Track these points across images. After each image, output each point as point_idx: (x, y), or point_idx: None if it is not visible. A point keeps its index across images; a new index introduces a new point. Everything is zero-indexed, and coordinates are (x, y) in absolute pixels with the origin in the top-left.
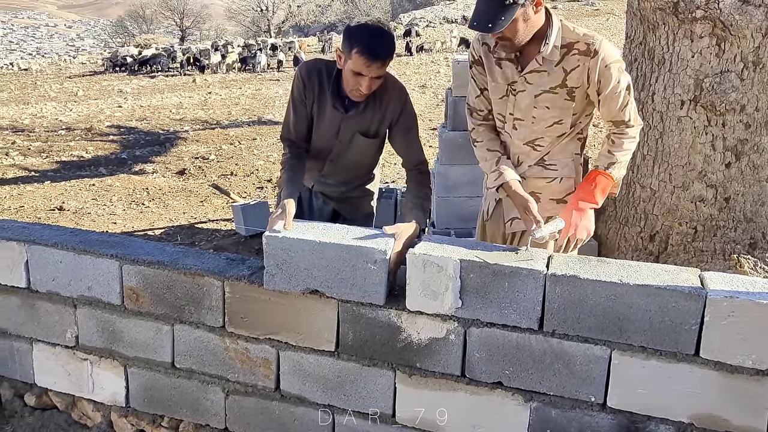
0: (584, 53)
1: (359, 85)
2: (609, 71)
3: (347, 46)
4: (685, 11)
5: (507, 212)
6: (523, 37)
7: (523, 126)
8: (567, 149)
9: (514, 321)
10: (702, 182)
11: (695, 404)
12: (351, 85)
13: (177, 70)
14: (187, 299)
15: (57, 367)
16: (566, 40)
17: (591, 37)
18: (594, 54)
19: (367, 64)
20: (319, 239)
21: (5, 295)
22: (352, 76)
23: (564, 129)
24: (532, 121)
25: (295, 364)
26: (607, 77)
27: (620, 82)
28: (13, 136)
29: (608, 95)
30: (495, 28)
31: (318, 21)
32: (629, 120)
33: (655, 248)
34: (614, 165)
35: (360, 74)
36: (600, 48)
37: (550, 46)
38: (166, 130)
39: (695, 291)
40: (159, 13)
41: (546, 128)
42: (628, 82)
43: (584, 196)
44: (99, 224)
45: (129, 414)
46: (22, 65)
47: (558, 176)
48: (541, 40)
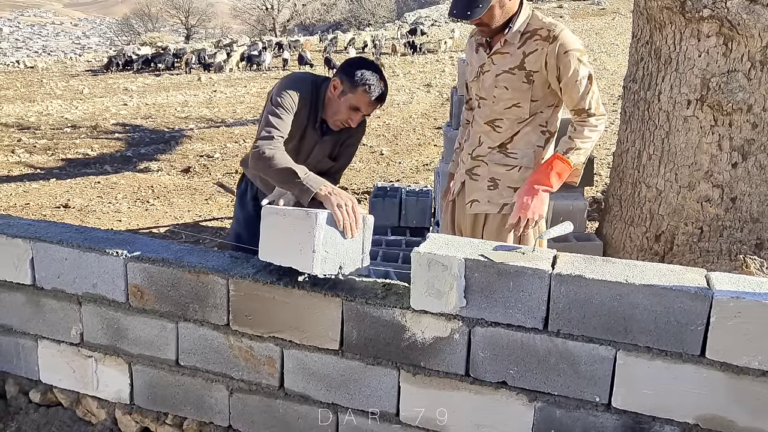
0: (544, 38)
1: (350, 118)
2: (567, 58)
3: (353, 82)
4: (692, 10)
5: (468, 194)
6: (499, 22)
7: (485, 105)
8: (529, 140)
9: (518, 320)
10: (708, 182)
11: (701, 405)
12: (342, 116)
13: (181, 68)
14: (192, 297)
15: (62, 364)
16: (531, 27)
17: (554, 25)
18: (553, 40)
19: (371, 104)
20: None
21: (10, 292)
22: (347, 109)
23: (522, 113)
24: (493, 101)
25: (299, 362)
26: (565, 64)
27: (579, 71)
28: (19, 134)
29: (568, 82)
30: (473, 15)
31: (323, 20)
32: (590, 108)
33: (661, 248)
34: (573, 150)
35: (358, 110)
36: (560, 35)
37: (514, 29)
38: (171, 128)
39: (701, 291)
40: (164, 12)
41: (505, 109)
42: (590, 72)
43: (539, 178)
44: (104, 222)
45: (133, 411)
46: (28, 63)
47: (518, 165)
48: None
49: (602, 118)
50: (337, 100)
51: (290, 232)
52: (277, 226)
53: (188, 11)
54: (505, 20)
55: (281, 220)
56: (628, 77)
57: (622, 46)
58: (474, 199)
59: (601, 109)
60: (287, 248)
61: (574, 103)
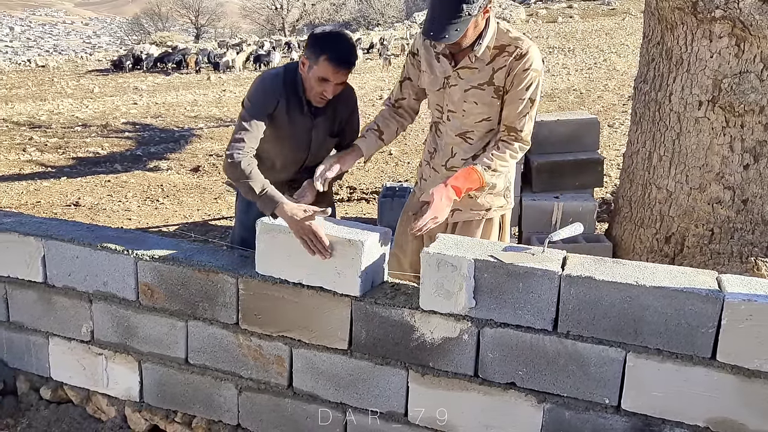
0: (512, 55)
1: (325, 90)
2: (525, 75)
3: (314, 54)
4: (704, 11)
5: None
6: (471, 40)
7: (455, 118)
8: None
9: (528, 322)
10: (719, 184)
11: (711, 408)
12: (316, 90)
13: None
14: (202, 296)
15: (72, 361)
16: (499, 42)
17: (521, 41)
18: (519, 57)
19: (335, 71)
20: None
21: (22, 289)
22: (318, 82)
23: (492, 125)
24: (463, 114)
25: (307, 361)
26: (520, 79)
27: (529, 90)
28: (30, 132)
29: (513, 96)
30: (450, 39)
31: (332, 19)
32: (521, 131)
33: (671, 250)
34: (490, 171)
35: (326, 80)
36: (526, 53)
37: (483, 46)
38: (180, 128)
39: (713, 294)
40: (174, 11)
41: (475, 123)
42: (537, 97)
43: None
44: (114, 220)
45: (143, 409)
46: (40, 62)
47: None
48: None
49: (526, 148)
50: (308, 76)
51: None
52: (288, 245)
53: (198, 11)
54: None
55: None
56: (639, 78)
57: (632, 46)
58: (456, 209)
59: (528, 139)
60: (311, 267)
61: (510, 119)
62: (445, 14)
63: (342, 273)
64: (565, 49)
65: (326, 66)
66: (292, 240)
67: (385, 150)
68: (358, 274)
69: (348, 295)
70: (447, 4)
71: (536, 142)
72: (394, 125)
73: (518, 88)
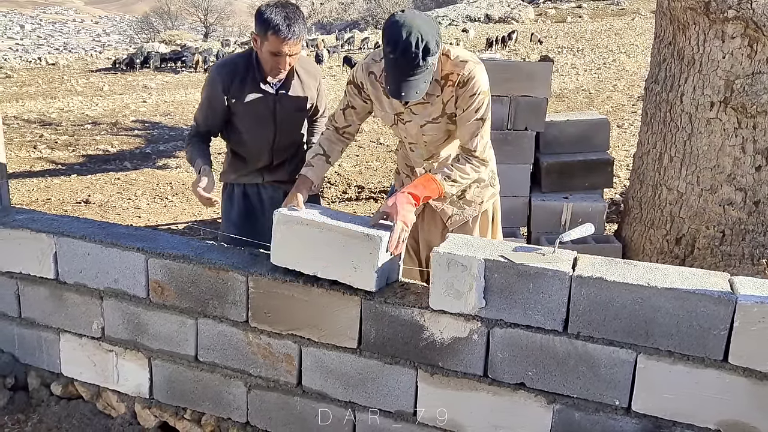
0: (456, 84)
1: (278, 63)
2: (472, 100)
3: (262, 29)
4: (716, 11)
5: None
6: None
7: (418, 148)
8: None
9: (538, 322)
10: (731, 185)
11: (722, 411)
12: (271, 65)
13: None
14: (212, 293)
15: (83, 357)
16: (444, 72)
17: (464, 65)
18: (464, 83)
19: (284, 42)
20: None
21: (34, 286)
22: (270, 56)
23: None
24: (425, 143)
25: (317, 360)
26: (468, 103)
27: (478, 111)
28: (41, 130)
29: (463, 118)
30: (420, 93)
31: (341, 18)
32: (475, 150)
33: (681, 251)
34: (449, 181)
35: (278, 54)
36: (469, 79)
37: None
38: (189, 126)
39: (725, 296)
40: (183, 10)
41: (439, 145)
42: (486, 117)
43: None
44: (124, 218)
45: (152, 406)
46: (50, 60)
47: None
48: None
49: (484, 163)
50: (262, 52)
51: (334, 246)
52: (305, 236)
53: (207, 9)
54: None
55: (314, 233)
56: (650, 78)
57: (641, 46)
58: (453, 213)
59: (485, 155)
60: (328, 260)
61: (462, 140)
62: (408, 71)
63: (358, 267)
64: (574, 49)
65: (274, 39)
66: (309, 231)
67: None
68: (374, 269)
69: (359, 292)
70: (410, 61)
71: (545, 142)
72: (339, 147)
73: (467, 110)
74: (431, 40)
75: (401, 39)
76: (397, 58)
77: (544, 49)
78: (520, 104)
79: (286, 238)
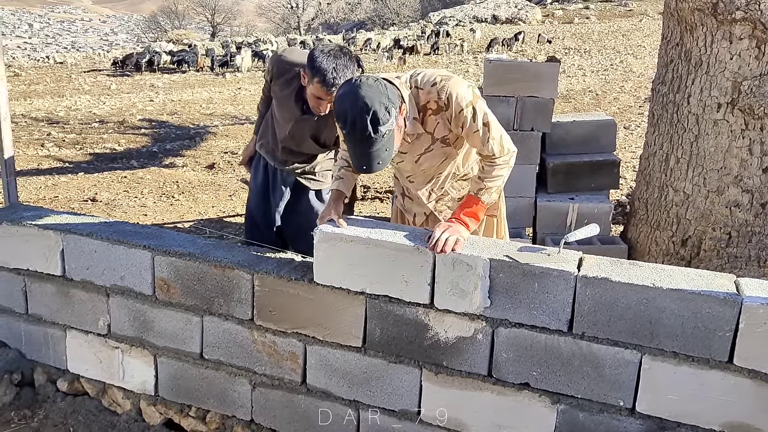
0: (437, 111)
1: (319, 105)
2: (461, 116)
3: (310, 74)
4: (724, 12)
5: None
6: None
7: (415, 178)
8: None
9: (543, 322)
10: (738, 187)
11: (727, 412)
12: (312, 103)
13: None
14: (217, 291)
15: (89, 354)
16: (419, 104)
17: (435, 89)
18: (446, 107)
19: (326, 93)
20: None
21: (41, 283)
22: (312, 97)
23: (456, 159)
24: (423, 171)
25: (321, 358)
26: (462, 121)
27: (476, 121)
28: (48, 128)
29: (467, 133)
30: (385, 162)
31: (347, 18)
32: (493, 154)
33: (687, 253)
34: (483, 191)
35: (319, 98)
36: (449, 97)
37: (409, 121)
38: (196, 125)
39: (731, 297)
40: (191, 9)
41: (437, 168)
42: (487, 120)
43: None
44: (130, 216)
45: (158, 402)
46: (58, 59)
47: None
48: None
49: (508, 155)
50: (306, 88)
51: (383, 261)
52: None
53: (214, 9)
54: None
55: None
56: (657, 80)
57: (649, 47)
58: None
59: (506, 148)
60: (376, 276)
61: (479, 150)
62: (365, 146)
63: (410, 281)
64: (581, 50)
65: (318, 88)
66: (355, 248)
67: None
68: (427, 282)
69: (361, 292)
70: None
71: (552, 143)
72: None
73: (466, 126)
74: (379, 108)
75: (348, 113)
76: (348, 133)
77: (552, 50)
78: (526, 105)
79: (330, 256)
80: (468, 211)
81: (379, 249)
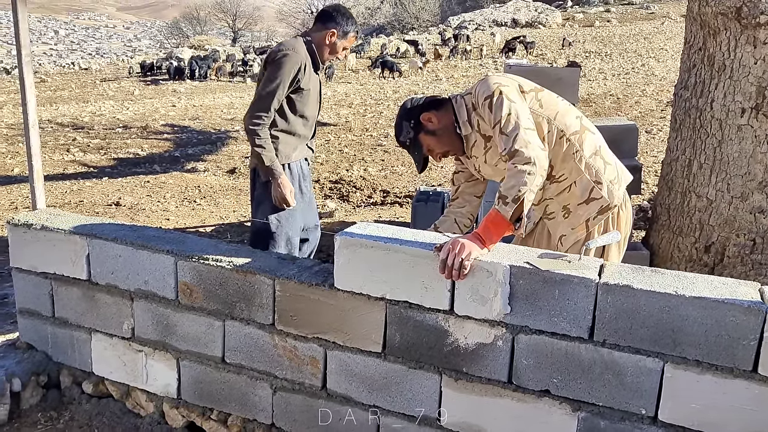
0: (473, 107)
1: (344, 53)
2: (484, 104)
3: (347, 29)
4: (748, 16)
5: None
6: (445, 142)
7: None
8: (564, 156)
9: (563, 329)
10: (762, 193)
11: (751, 422)
12: (336, 54)
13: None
14: (239, 296)
15: (113, 357)
16: (468, 105)
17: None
18: (478, 102)
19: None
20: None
21: (67, 286)
22: (340, 49)
23: None
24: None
25: (342, 363)
26: (484, 113)
27: (492, 110)
28: (73, 133)
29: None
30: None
31: (367, 23)
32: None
33: (711, 260)
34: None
35: (345, 48)
36: (477, 91)
37: (462, 124)
38: (217, 130)
39: (755, 305)
40: (212, 15)
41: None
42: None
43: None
44: (153, 220)
45: (180, 405)
46: (83, 65)
47: (571, 180)
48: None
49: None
50: (332, 45)
51: (403, 267)
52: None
53: (235, 15)
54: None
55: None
56: (680, 84)
57: (671, 51)
58: (562, 235)
59: (527, 152)
60: (396, 282)
61: (500, 147)
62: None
63: (430, 287)
64: (602, 54)
65: (354, 39)
66: (375, 254)
67: None
68: (447, 288)
69: (381, 298)
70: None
71: None
72: (468, 208)
73: (488, 118)
74: (400, 122)
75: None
76: None
77: (572, 54)
78: None
79: (351, 262)
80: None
81: (399, 255)
